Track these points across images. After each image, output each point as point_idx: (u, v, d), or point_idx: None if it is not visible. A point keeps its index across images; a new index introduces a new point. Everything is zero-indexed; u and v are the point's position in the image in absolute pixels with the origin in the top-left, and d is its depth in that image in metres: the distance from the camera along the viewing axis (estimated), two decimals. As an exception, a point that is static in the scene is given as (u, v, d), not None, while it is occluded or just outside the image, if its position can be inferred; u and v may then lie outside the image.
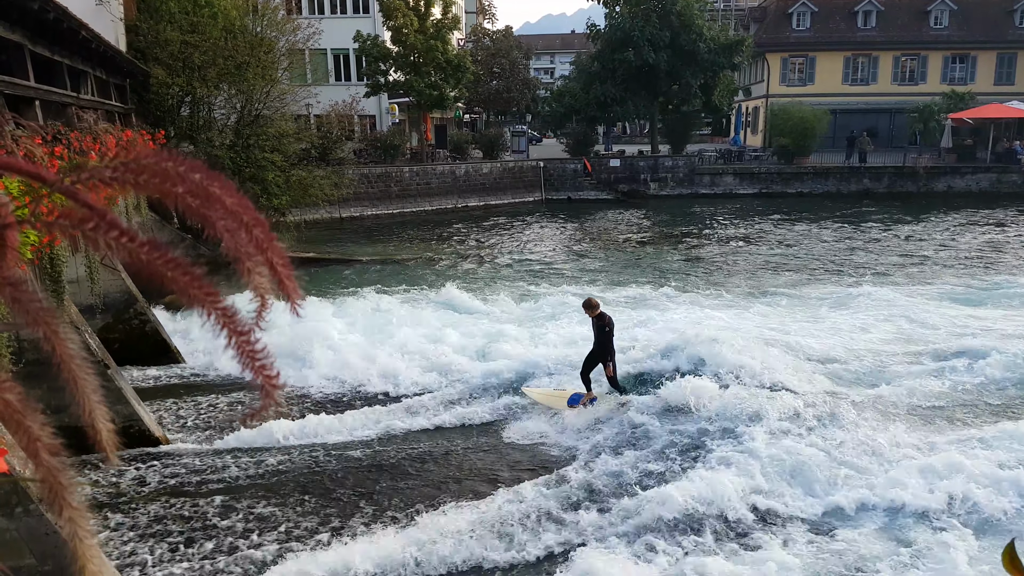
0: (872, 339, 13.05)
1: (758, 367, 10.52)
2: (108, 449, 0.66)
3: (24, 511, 4.94)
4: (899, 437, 8.81)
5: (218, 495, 7.97)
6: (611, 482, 8.08)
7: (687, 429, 9.10)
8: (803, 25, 45.51)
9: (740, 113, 50.12)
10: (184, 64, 19.90)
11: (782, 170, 37.42)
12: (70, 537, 0.61)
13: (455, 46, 37.66)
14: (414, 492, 8.15)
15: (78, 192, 0.61)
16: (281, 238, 0.72)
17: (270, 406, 0.67)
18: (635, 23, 36.17)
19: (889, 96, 44.42)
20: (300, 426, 9.69)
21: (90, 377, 0.62)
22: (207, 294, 0.61)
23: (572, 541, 7.04)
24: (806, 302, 15.99)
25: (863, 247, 23.25)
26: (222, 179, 0.68)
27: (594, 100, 38.17)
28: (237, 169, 19.33)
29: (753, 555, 6.79)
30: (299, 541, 7.11)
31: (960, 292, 16.72)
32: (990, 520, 7.18)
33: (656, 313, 14.49)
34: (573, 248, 24.42)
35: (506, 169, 36.10)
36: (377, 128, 37.64)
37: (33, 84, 11.26)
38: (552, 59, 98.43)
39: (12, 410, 0.58)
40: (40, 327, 0.59)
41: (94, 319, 10.74)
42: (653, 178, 37.59)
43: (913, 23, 44.63)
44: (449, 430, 9.93)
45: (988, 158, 36.87)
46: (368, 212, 30.69)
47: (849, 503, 7.53)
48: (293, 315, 0.73)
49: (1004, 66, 44.16)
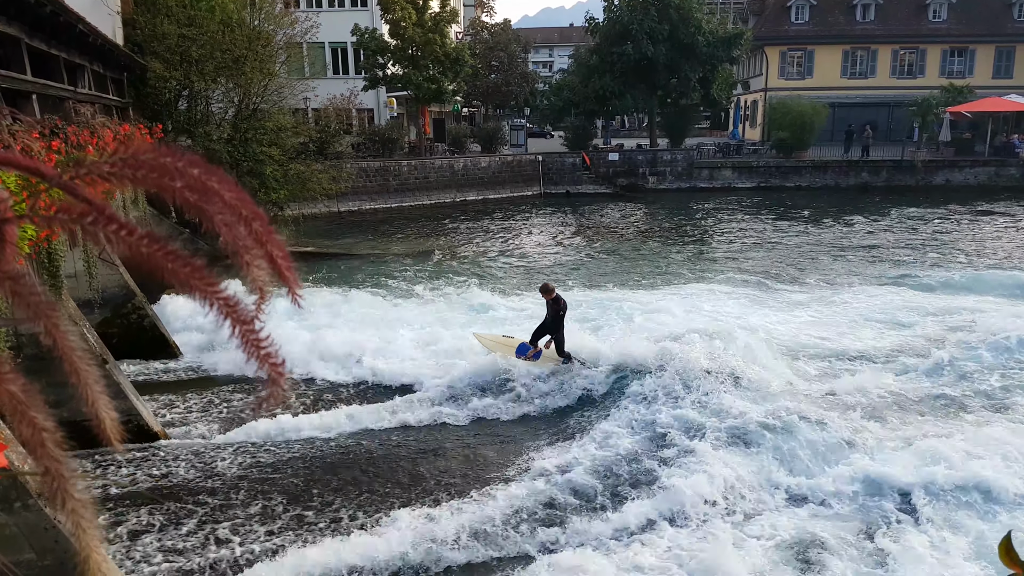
0: (866, 332, 13.09)
1: (751, 364, 10.56)
2: (112, 439, 0.66)
3: (23, 506, 4.95)
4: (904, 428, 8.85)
5: (215, 490, 7.99)
6: (604, 480, 8.10)
7: (676, 423, 9.10)
8: (802, 18, 45.42)
9: (739, 107, 50.06)
10: (181, 58, 19.83)
11: (781, 164, 37.40)
12: (73, 530, 0.61)
13: (453, 39, 37.56)
14: (409, 489, 8.17)
15: (77, 187, 0.61)
16: (279, 232, 0.72)
17: (277, 395, 0.67)
18: (633, 16, 36.08)
19: (888, 90, 44.38)
20: (296, 422, 9.70)
21: (92, 369, 0.62)
22: (208, 284, 0.62)
23: (561, 540, 7.06)
24: (804, 295, 16.01)
25: (861, 240, 23.25)
26: (221, 173, 0.68)
27: (592, 94, 38.10)
28: (235, 163, 19.29)
29: (740, 548, 6.83)
30: (295, 536, 7.13)
31: (957, 280, 16.77)
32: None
33: (653, 302, 14.52)
34: (571, 242, 24.40)
35: (504, 163, 36.05)
36: (375, 122, 37.54)
37: (30, 78, 11.23)
38: (550, 52, 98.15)
39: (16, 401, 0.58)
40: (41, 321, 0.59)
41: (92, 314, 10.72)
42: (652, 172, 37.56)
43: (912, 16, 44.57)
44: (443, 427, 9.92)
45: (986, 152, 36.87)
46: (366, 206, 30.65)
47: (841, 492, 7.60)
48: (294, 306, 0.73)
49: (1003, 60, 44.11)
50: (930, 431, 8.93)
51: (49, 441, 0.59)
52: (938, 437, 8.55)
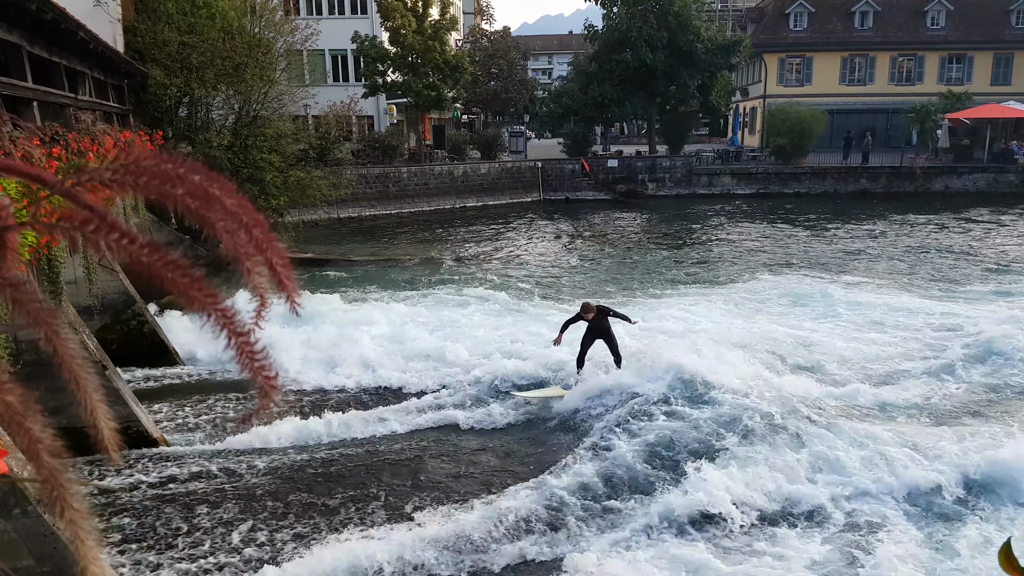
0: (865, 339, 13.09)
1: (752, 370, 10.57)
2: (110, 448, 0.66)
3: (22, 512, 4.94)
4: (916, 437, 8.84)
5: (215, 496, 7.97)
6: (605, 484, 8.08)
7: (679, 431, 9.08)
8: (800, 25, 45.56)
9: (737, 113, 50.16)
10: (182, 65, 19.88)
11: (779, 170, 37.46)
12: (72, 538, 0.61)
13: (453, 47, 37.65)
14: (409, 494, 8.15)
15: (78, 194, 0.61)
16: (279, 239, 0.72)
17: (268, 406, 0.67)
18: (632, 24, 36.19)
19: (886, 96, 44.49)
20: (296, 427, 9.69)
21: (91, 377, 0.62)
22: (207, 296, 0.62)
23: (564, 544, 7.04)
24: (799, 302, 16.00)
25: (861, 247, 23.26)
26: (221, 180, 0.68)
27: (592, 101, 38.18)
28: (235, 170, 19.31)
29: (747, 555, 6.81)
30: (295, 542, 7.11)
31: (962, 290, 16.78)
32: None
33: (654, 309, 14.51)
34: (569, 248, 24.42)
35: (504, 169, 36.10)
36: (375, 129, 37.63)
37: (31, 85, 11.25)
38: (550, 60, 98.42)
39: (13, 411, 0.58)
40: (41, 327, 0.59)
41: (92, 320, 10.72)
42: (651, 178, 37.61)
43: (910, 23, 44.70)
44: (444, 431, 9.92)
45: (985, 158, 36.94)
46: (366, 213, 30.68)
47: (845, 502, 7.57)
48: (292, 313, 0.73)
49: (1001, 66, 44.24)
50: (944, 434, 8.91)
51: (46, 451, 0.58)
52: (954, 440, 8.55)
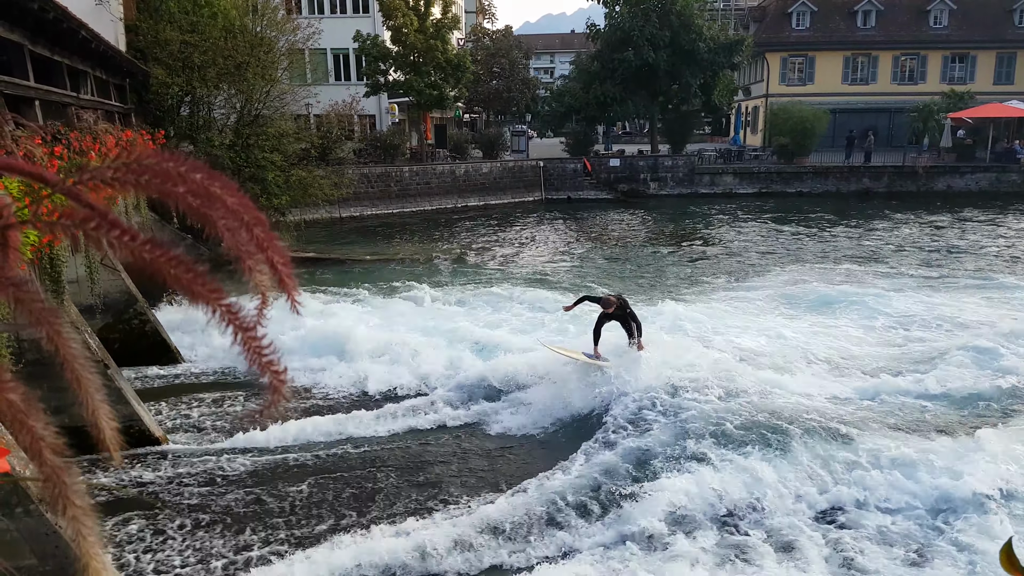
0: (865, 339, 13.07)
1: (754, 372, 10.56)
2: (111, 448, 0.66)
3: (24, 511, 4.95)
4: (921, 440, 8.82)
5: (217, 495, 7.98)
6: (605, 486, 8.06)
7: (680, 432, 9.04)
8: (803, 24, 45.50)
9: (740, 113, 50.09)
10: (184, 64, 19.89)
11: (782, 170, 37.42)
12: (74, 537, 0.61)
13: (455, 46, 37.65)
14: (410, 494, 8.15)
15: (80, 192, 0.61)
16: (281, 237, 0.72)
17: (277, 403, 0.67)
18: (635, 23, 36.15)
19: (889, 96, 44.43)
20: (299, 427, 9.70)
21: (93, 376, 0.62)
22: (211, 291, 0.62)
23: (561, 547, 7.04)
24: (802, 302, 15.98)
25: (863, 246, 23.24)
26: (223, 179, 0.68)
27: (594, 100, 38.13)
28: (237, 169, 19.31)
29: (741, 562, 6.80)
30: (296, 541, 7.12)
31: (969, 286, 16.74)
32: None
33: (656, 309, 14.47)
34: (571, 248, 24.41)
35: (506, 169, 36.09)
36: (377, 128, 37.62)
37: (33, 84, 11.26)
38: (552, 59, 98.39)
39: (15, 410, 0.58)
40: (43, 327, 0.59)
41: (94, 319, 10.74)
42: (653, 178, 37.58)
43: (913, 23, 44.63)
44: (444, 431, 9.92)
45: (988, 157, 36.88)
46: (368, 212, 30.69)
47: (848, 505, 7.57)
48: (293, 312, 0.73)
49: (1003, 66, 44.16)
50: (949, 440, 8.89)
51: (49, 450, 0.58)
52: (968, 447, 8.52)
